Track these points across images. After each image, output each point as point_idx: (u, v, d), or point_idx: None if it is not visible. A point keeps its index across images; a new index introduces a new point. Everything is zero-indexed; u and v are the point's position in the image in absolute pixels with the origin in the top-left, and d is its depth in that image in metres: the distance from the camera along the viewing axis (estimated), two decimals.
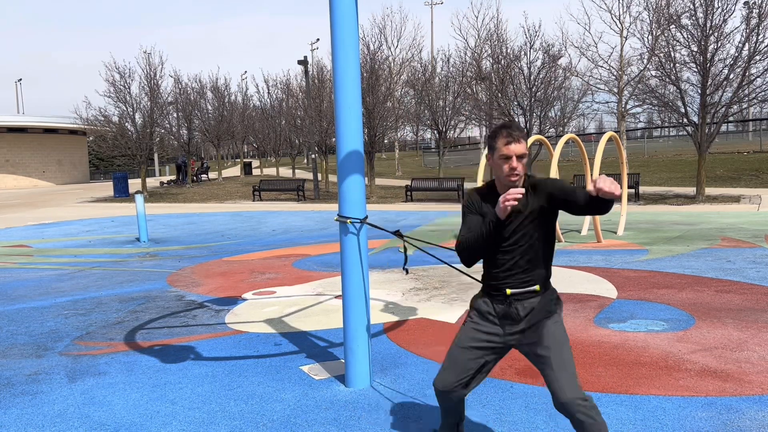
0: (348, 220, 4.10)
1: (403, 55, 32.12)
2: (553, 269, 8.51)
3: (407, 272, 4.16)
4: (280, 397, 4.16)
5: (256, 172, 50.35)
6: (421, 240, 5.11)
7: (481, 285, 3.00)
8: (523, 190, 2.56)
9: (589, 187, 2.52)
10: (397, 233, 4.04)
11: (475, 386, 3.00)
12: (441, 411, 3.15)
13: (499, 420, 3.67)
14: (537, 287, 2.85)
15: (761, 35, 17.11)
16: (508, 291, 2.84)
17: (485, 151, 2.85)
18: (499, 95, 23.00)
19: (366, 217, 4.16)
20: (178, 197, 28.36)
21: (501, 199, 2.58)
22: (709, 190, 19.76)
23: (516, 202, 2.55)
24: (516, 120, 23.09)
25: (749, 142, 38.83)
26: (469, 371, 2.92)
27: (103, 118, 29.12)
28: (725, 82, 17.66)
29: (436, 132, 28.79)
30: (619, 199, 2.62)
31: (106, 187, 35.15)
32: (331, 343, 5.35)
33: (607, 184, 2.42)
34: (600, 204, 2.57)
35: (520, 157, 2.69)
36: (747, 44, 17.24)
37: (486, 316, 2.91)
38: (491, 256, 2.85)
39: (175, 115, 35.17)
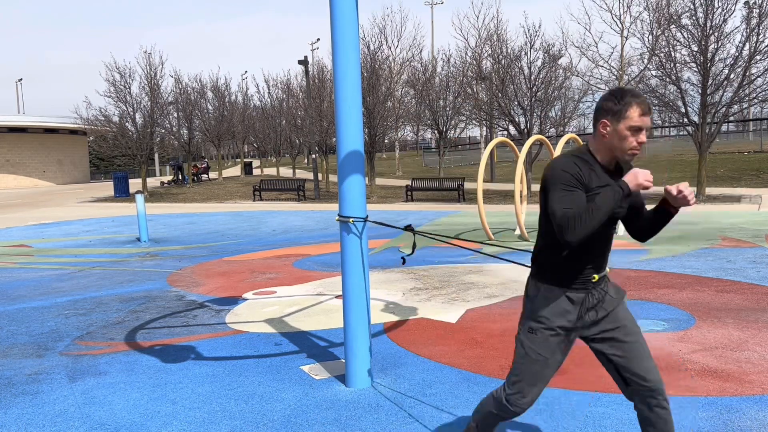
0: (349, 220, 4.10)
1: (403, 54, 32.13)
2: None
3: (404, 261, 4.08)
4: (281, 397, 4.16)
5: (256, 171, 50.37)
6: (433, 235, 5.09)
7: (537, 277, 2.67)
8: (651, 177, 2.42)
9: (669, 188, 2.46)
10: (408, 228, 4.03)
11: None
12: (491, 426, 2.86)
13: None
14: (608, 269, 2.71)
15: (761, 35, 17.11)
16: (595, 277, 2.61)
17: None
18: (500, 95, 22.99)
19: (367, 217, 4.16)
20: (179, 197, 28.37)
21: (641, 176, 2.40)
22: (710, 190, 19.75)
23: (651, 185, 2.41)
24: (516, 120, 23.10)
25: (750, 142, 38.81)
26: (549, 379, 2.71)
27: (103, 118, 29.11)
28: (726, 82, 17.66)
29: (436, 132, 28.80)
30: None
31: (107, 187, 35.16)
32: (332, 343, 5.35)
33: (685, 191, 2.41)
34: (666, 220, 2.57)
35: (646, 131, 2.51)
36: (747, 44, 17.24)
37: (562, 313, 2.61)
38: (589, 240, 2.55)
39: (175, 114, 35.18)
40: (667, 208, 2.53)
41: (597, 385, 4.15)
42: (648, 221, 2.63)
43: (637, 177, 2.40)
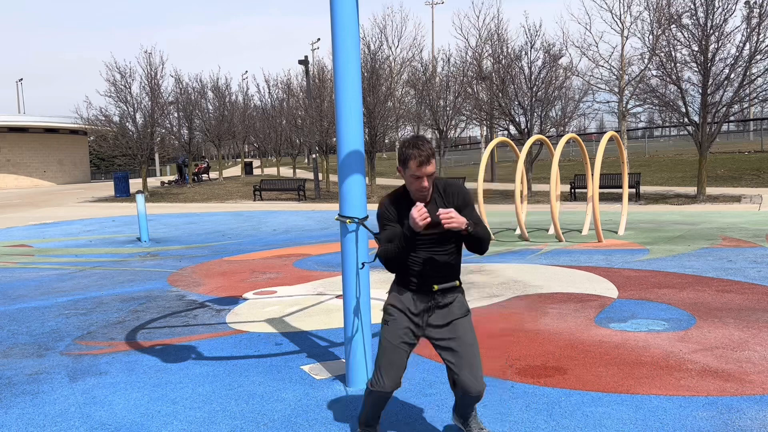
0: (348, 220, 4.10)
1: (403, 54, 32.11)
2: (555, 268, 8.54)
3: (363, 265, 4.14)
4: (281, 397, 4.16)
5: (256, 171, 50.34)
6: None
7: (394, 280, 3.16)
8: (426, 214, 2.72)
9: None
10: (360, 220, 4.07)
11: None
12: (371, 413, 3.29)
13: (499, 420, 3.67)
14: (457, 282, 3.10)
15: (762, 35, 17.10)
16: (435, 287, 3.03)
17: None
18: (500, 95, 23.00)
19: (366, 217, 4.16)
20: (179, 197, 28.37)
21: (414, 214, 2.72)
22: (710, 190, 19.74)
23: (428, 220, 2.72)
24: (516, 120, 23.09)
25: (750, 142, 38.81)
26: (403, 366, 3.14)
27: (104, 118, 29.11)
28: (726, 82, 17.65)
29: (436, 132, 28.77)
30: (463, 231, 2.84)
31: (107, 187, 35.17)
32: (332, 343, 5.35)
33: (445, 216, 2.71)
34: (468, 240, 2.89)
35: (429, 176, 2.88)
36: (748, 44, 17.23)
37: (407, 312, 3.08)
38: (415, 256, 2.99)
39: (176, 114, 35.17)
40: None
41: (597, 384, 4.15)
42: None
43: (412, 219, 2.73)
